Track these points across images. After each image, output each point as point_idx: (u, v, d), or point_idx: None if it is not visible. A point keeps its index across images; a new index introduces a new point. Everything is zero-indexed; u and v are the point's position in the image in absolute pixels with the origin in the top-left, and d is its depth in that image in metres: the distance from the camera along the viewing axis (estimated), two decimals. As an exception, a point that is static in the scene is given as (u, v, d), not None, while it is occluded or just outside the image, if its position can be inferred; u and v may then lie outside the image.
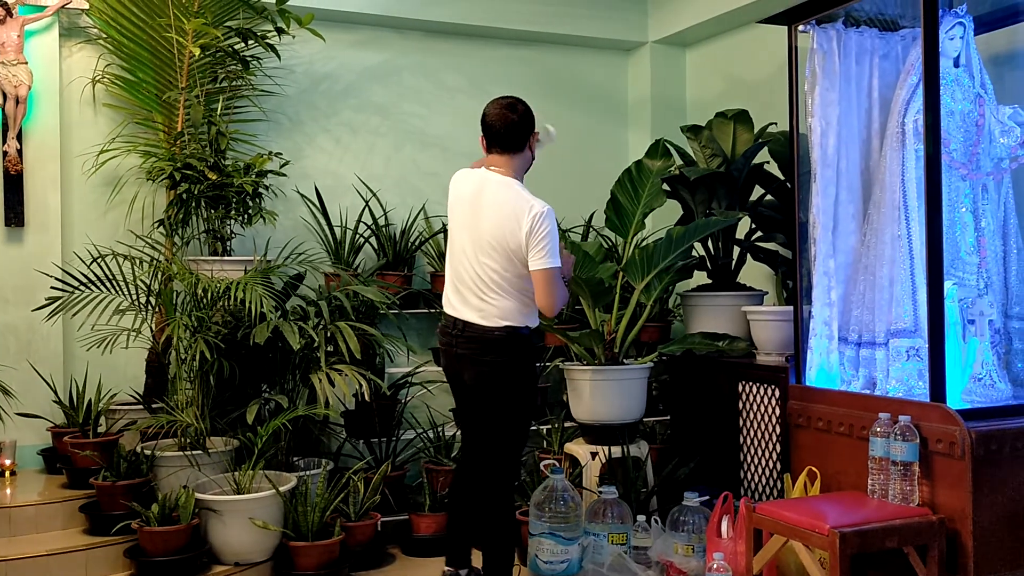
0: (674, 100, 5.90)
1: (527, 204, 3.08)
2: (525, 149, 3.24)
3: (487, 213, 3.14)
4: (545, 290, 3.06)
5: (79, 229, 4.60)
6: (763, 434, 3.97)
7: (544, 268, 3.05)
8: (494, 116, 3.19)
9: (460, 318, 3.19)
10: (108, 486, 3.69)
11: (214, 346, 3.76)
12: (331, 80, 5.26)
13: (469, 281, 3.17)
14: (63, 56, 4.61)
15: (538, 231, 3.04)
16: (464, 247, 3.20)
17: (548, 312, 3.10)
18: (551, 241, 3.06)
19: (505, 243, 3.09)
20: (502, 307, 3.13)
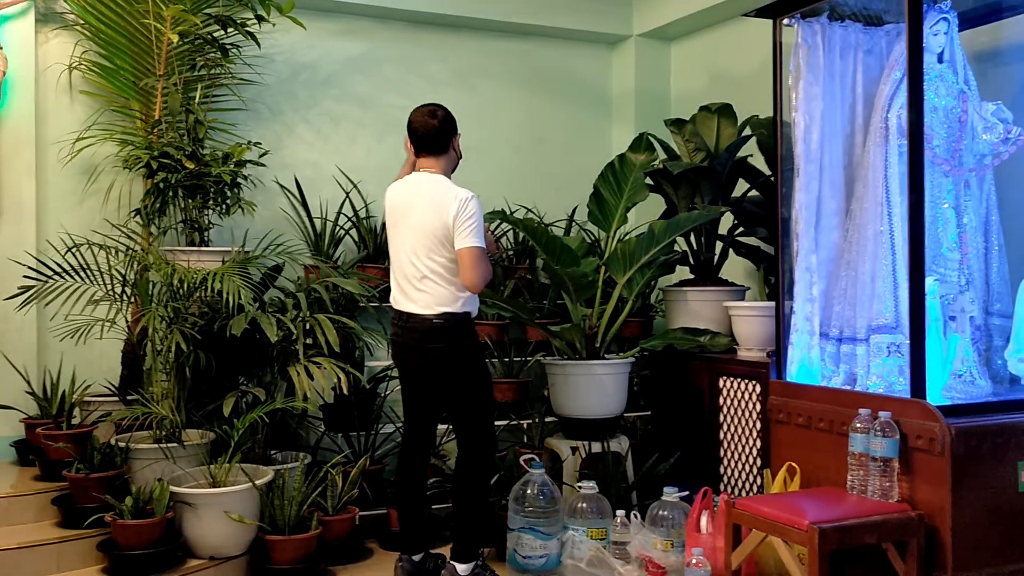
0: (659, 94, 5.88)
1: (453, 192, 3.36)
2: (449, 149, 3.53)
3: (419, 208, 3.39)
4: (469, 267, 3.29)
5: (54, 218, 4.53)
6: (744, 429, 3.96)
7: (468, 246, 3.29)
8: (418, 123, 3.49)
9: (404, 310, 3.46)
10: (81, 478, 3.64)
11: (190, 337, 3.71)
12: (312, 70, 5.21)
13: (409, 275, 3.43)
14: (40, 42, 4.53)
15: (463, 213, 3.30)
16: (403, 244, 3.46)
17: (472, 289, 3.33)
18: (476, 223, 3.31)
19: (435, 231, 3.33)
20: (437, 295, 3.38)
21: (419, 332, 3.41)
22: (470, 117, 5.55)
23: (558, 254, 4.07)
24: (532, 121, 5.74)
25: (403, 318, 3.47)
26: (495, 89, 5.63)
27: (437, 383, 3.48)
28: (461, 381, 3.45)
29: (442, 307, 3.38)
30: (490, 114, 5.62)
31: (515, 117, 5.69)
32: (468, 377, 3.46)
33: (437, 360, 3.41)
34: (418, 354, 3.45)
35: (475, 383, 3.49)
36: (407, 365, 3.53)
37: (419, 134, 3.47)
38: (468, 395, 3.48)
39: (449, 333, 3.39)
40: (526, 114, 5.72)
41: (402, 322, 3.47)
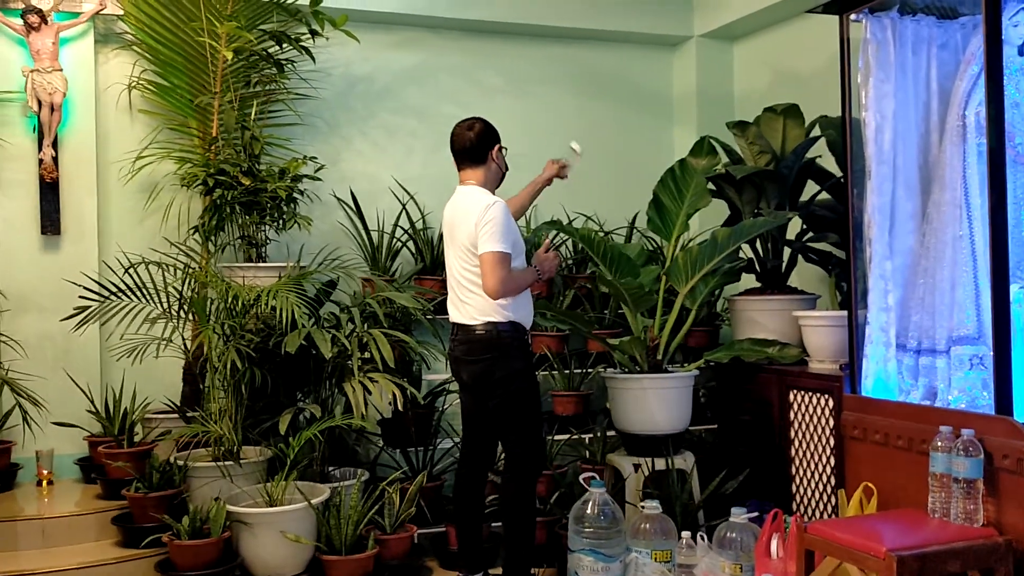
0: (721, 96, 5.70)
1: (481, 199, 3.36)
2: (488, 160, 3.50)
3: (459, 219, 3.42)
4: (487, 272, 3.26)
5: (116, 237, 4.57)
6: (816, 447, 3.77)
7: (487, 251, 3.25)
8: (456, 136, 3.52)
9: (456, 322, 3.47)
10: (140, 497, 3.64)
11: (245, 355, 3.68)
12: (367, 82, 5.17)
13: (455, 286, 3.47)
14: (99, 62, 4.58)
15: (485, 218, 3.27)
16: (451, 256, 3.49)
17: (491, 295, 3.29)
18: (497, 227, 3.26)
19: (468, 239, 3.34)
20: (477, 304, 3.36)
21: (467, 343, 3.41)
22: (526, 125, 5.48)
23: (616, 263, 3.94)
24: (590, 127, 5.61)
25: (455, 330, 3.49)
26: (551, 95, 5.53)
27: (487, 396, 3.43)
28: (506, 394, 3.39)
29: (485, 316, 3.35)
30: (546, 121, 5.51)
31: (573, 123, 5.57)
32: (513, 390, 3.39)
33: (484, 372, 3.38)
34: (468, 366, 3.43)
35: (521, 396, 3.41)
36: (460, 378, 3.54)
37: (456, 147, 3.50)
38: (513, 409, 3.41)
39: (494, 343, 3.35)
40: (584, 120, 5.60)
41: (454, 335, 3.49)
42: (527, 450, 3.42)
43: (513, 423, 3.43)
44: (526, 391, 3.42)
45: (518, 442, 3.43)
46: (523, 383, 3.42)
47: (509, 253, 3.30)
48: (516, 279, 3.35)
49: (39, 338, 4.30)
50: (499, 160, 3.55)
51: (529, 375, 3.46)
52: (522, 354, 3.43)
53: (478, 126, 3.50)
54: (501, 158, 3.56)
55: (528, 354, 3.49)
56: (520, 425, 3.42)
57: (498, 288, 3.26)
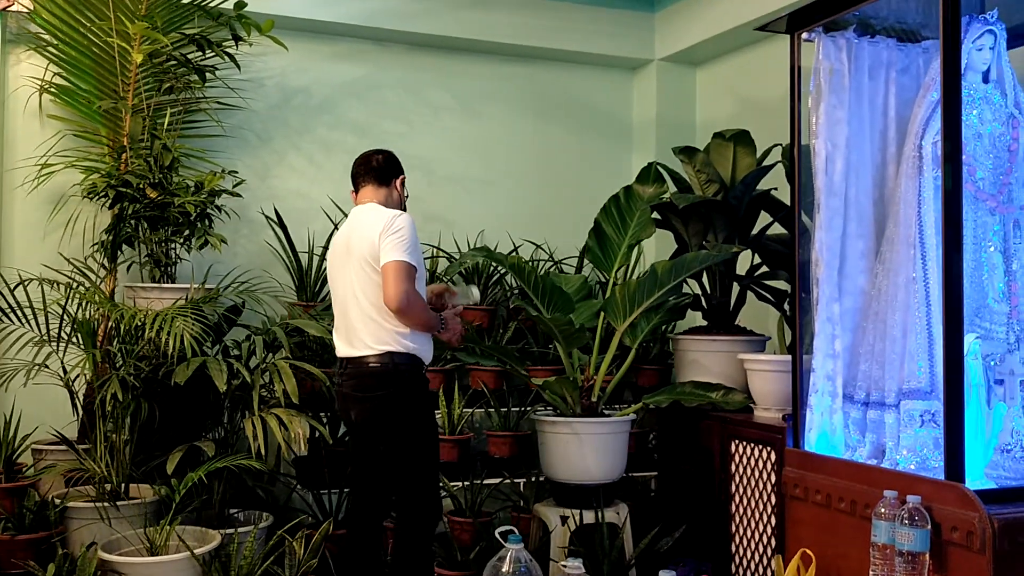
0: (683, 122, 5.43)
1: (385, 212, 3.09)
2: (391, 185, 3.28)
3: (357, 236, 3.10)
4: (390, 281, 2.94)
5: (19, 250, 4.23)
6: (757, 503, 3.44)
7: (391, 260, 2.97)
8: (360, 158, 3.33)
9: (343, 356, 3.14)
10: (7, 540, 3.28)
11: (131, 385, 3.34)
12: (305, 95, 4.87)
13: (347, 312, 3.12)
14: (9, 63, 4.27)
15: (392, 227, 3.01)
16: (342, 285, 3.16)
17: (391, 305, 2.95)
18: (404, 239, 2.99)
19: (369, 252, 3.03)
20: (373, 331, 3.04)
21: (357, 377, 3.05)
22: (475, 146, 5.20)
23: (548, 297, 3.63)
24: (543, 151, 5.33)
25: (342, 364, 3.15)
26: (503, 116, 5.24)
27: (378, 438, 3.07)
28: (402, 436, 3.06)
29: (382, 345, 3.02)
30: (497, 143, 5.23)
31: (525, 146, 5.29)
32: (410, 432, 3.06)
33: (377, 411, 3.03)
34: (357, 404, 3.07)
35: (418, 440, 3.08)
36: (348, 418, 3.18)
37: (359, 165, 3.28)
38: (409, 454, 3.07)
39: (389, 377, 3.01)
40: (537, 143, 5.32)
41: (342, 368, 3.15)
42: (423, 501, 3.09)
43: (408, 470, 3.08)
44: (424, 434, 3.09)
45: (413, 492, 3.09)
46: (421, 424, 3.08)
47: (415, 267, 3.01)
48: (424, 310, 3.05)
49: (-79, 359, 3.95)
50: (401, 192, 3.31)
51: (428, 415, 3.13)
52: (420, 391, 3.11)
53: (387, 153, 3.35)
54: (402, 191, 3.31)
55: (427, 392, 3.17)
56: (416, 473, 3.08)
57: (400, 298, 2.92)
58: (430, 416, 3.14)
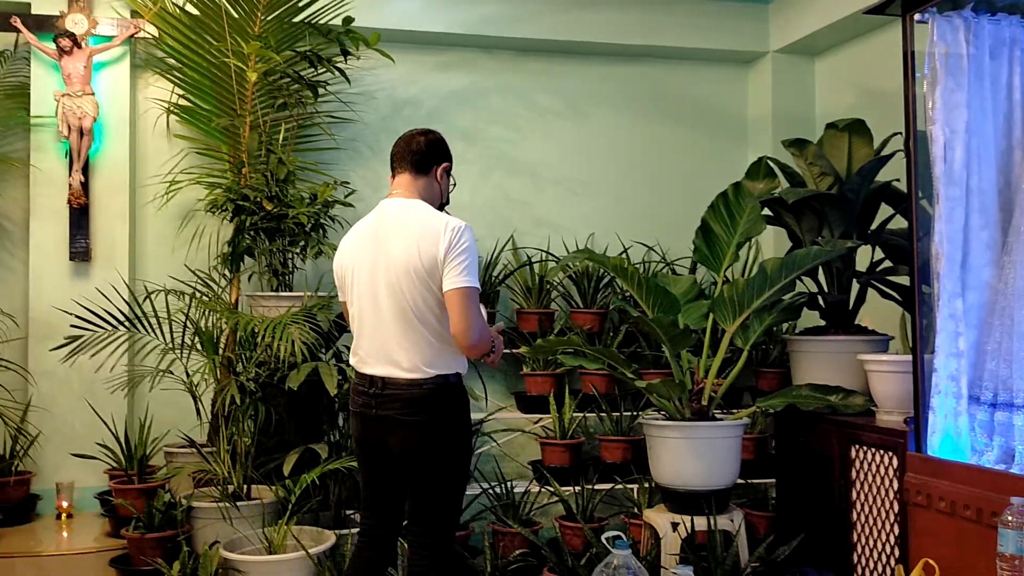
0: (801, 115, 5.23)
1: (441, 219, 2.62)
2: (431, 174, 2.75)
3: (398, 244, 2.61)
4: (461, 311, 2.53)
5: (150, 263, 4.49)
6: (879, 511, 3.27)
7: (462, 287, 2.54)
8: (401, 138, 2.80)
9: (377, 374, 2.65)
10: (137, 538, 3.47)
11: (248, 390, 3.47)
12: (414, 105, 4.96)
13: (385, 330, 2.63)
14: (139, 87, 4.53)
15: (456, 245, 2.56)
16: (370, 294, 2.66)
17: (461, 340, 2.54)
18: (470, 258, 2.57)
19: (418, 267, 2.57)
20: (426, 351, 2.61)
21: (404, 402, 2.60)
22: (583, 149, 5.16)
23: (654, 298, 3.56)
24: (654, 151, 5.25)
25: (375, 384, 2.64)
26: (612, 117, 5.19)
27: (419, 465, 2.65)
28: (440, 463, 2.65)
29: (434, 368, 2.60)
30: (606, 144, 5.18)
31: (634, 147, 5.22)
32: (450, 459, 2.67)
33: (425, 437, 2.61)
34: (402, 429, 2.62)
35: (461, 467, 2.73)
36: (375, 445, 2.70)
37: (398, 147, 2.76)
38: (449, 481, 2.68)
39: (443, 403, 2.62)
40: (647, 143, 5.24)
41: (375, 389, 2.64)
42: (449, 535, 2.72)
43: (444, 501, 2.69)
44: (466, 461, 2.76)
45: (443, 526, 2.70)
46: (466, 450, 2.74)
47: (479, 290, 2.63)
48: (488, 335, 2.64)
49: (66, 367, 4.21)
50: (443, 182, 2.80)
51: (470, 442, 2.79)
52: (467, 414, 2.74)
53: (433, 135, 2.79)
54: (446, 181, 2.81)
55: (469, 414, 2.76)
56: (452, 504, 2.73)
57: (471, 330, 2.53)
58: (471, 442, 2.82)
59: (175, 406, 4.20)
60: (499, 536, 3.93)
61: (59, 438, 4.22)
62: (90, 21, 4.27)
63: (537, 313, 4.62)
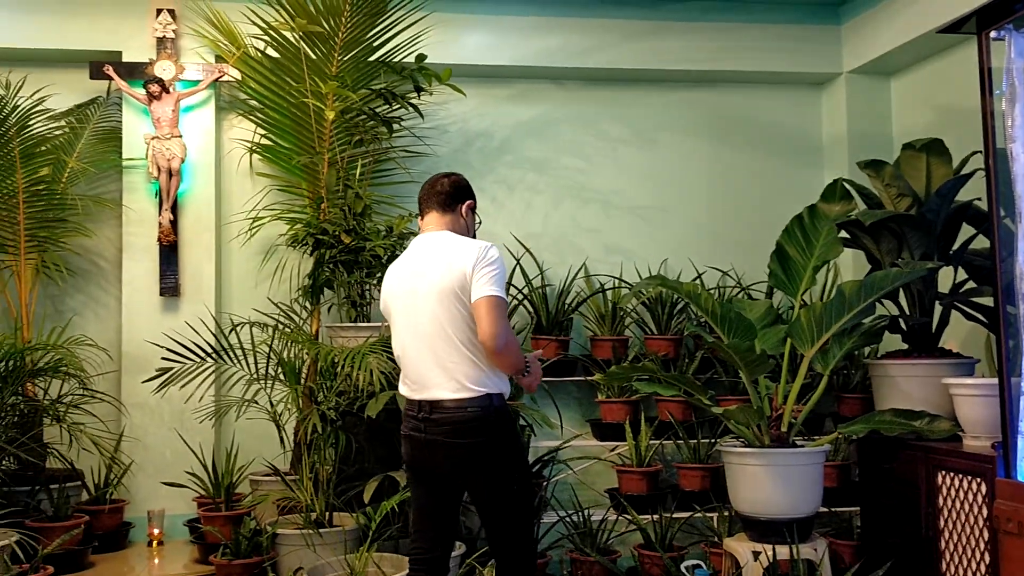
0: (878, 136, 5.15)
1: (472, 242, 2.78)
2: (457, 211, 2.90)
3: (431, 269, 2.74)
4: (488, 318, 2.62)
5: (235, 297, 4.65)
6: (968, 539, 3.17)
7: (488, 295, 2.64)
8: (427, 181, 2.98)
9: (424, 399, 2.74)
10: (225, 564, 3.56)
11: (329, 419, 3.56)
12: (485, 137, 5.05)
13: (427, 353, 2.73)
14: (224, 128, 4.72)
15: (484, 260, 2.68)
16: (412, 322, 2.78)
17: (488, 345, 2.63)
18: (498, 271, 2.69)
19: (452, 286, 2.69)
20: (468, 372, 2.69)
21: (448, 424, 2.67)
22: (653, 175, 5.18)
23: (728, 323, 3.54)
24: (726, 175, 5.23)
25: (423, 408, 2.73)
26: (681, 143, 5.20)
27: (475, 486, 2.76)
28: (506, 482, 2.73)
29: (479, 388, 2.68)
30: (676, 170, 5.18)
31: (705, 172, 5.21)
32: (515, 477, 2.75)
33: (478, 457, 2.69)
34: (454, 451, 2.69)
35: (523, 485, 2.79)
36: (425, 468, 2.79)
37: (425, 190, 2.93)
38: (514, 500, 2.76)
39: (490, 422, 2.68)
40: (718, 168, 5.22)
41: (423, 413, 2.73)
42: (525, 549, 2.80)
43: (509, 517, 2.77)
44: (524, 477, 2.81)
45: (515, 542, 2.78)
46: (521, 468, 2.82)
47: (507, 302, 2.79)
48: (516, 344, 2.72)
49: (157, 398, 4.37)
50: (468, 218, 2.93)
51: (525, 459, 2.93)
52: (517, 433, 2.86)
53: (456, 176, 2.98)
54: (471, 218, 2.95)
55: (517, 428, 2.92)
56: (518, 519, 2.78)
57: (498, 336, 2.60)
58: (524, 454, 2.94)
59: (260, 435, 4.33)
60: (577, 565, 3.92)
61: (150, 467, 4.38)
62: (177, 67, 4.47)
63: (611, 340, 4.62)
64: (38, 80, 4.41)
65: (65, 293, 4.59)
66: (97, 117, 4.59)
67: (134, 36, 4.54)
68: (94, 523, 4.02)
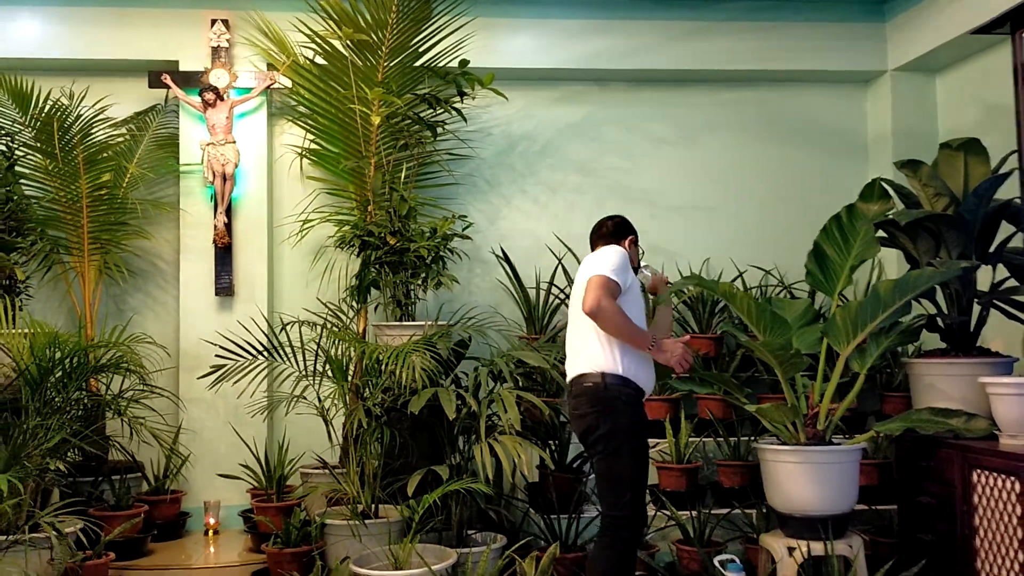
0: (923, 133, 5.14)
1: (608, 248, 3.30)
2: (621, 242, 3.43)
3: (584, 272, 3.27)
4: (590, 290, 3.10)
5: (286, 297, 4.82)
6: (1003, 538, 3.18)
7: (593, 274, 3.13)
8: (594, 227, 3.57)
9: (570, 377, 3.29)
10: (276, 552, 3.71)
11: (374, 414, 3.69)
12: (529, 140, 5.15)
13: (574, 339, 3.30)
14: (275, 134, 4.89)
15: (603, 253, 3.22)
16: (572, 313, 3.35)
17: (587, 310, 3.10)
18: (608, 259, 3.16)
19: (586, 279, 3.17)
20: (589, 354, 3.19)
21: (576, 397, 3.20)
22: (697, 175, 5.23)
23: (765, 322, 3.58)
24: (768, 174, 5.26)
25: (569, 386, 3.29)
26: (725, 143, 5.24)
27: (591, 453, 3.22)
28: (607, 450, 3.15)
29: (596, 367, 3.15)
30: (719, 170, 5.23)
31: (747, 172, 5.24)
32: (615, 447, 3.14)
33: (589, 427, 3.16)
34: (576, 420, 3.21)
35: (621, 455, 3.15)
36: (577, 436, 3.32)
37: (592, 234, 3.54)
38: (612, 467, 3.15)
39: (601, 396, 3.12)
40: (761, 167, 5.25)
41: (569, 391, 3.30)
42: (622, 515, 3.14)
43: (610, 483, 3.17)
44: (629, 450, 3.16)
45: (614, 505, 3.15)
46: (626, 441, 3.15)
47: (616, 281, 3.12)
48: (619, 314, 3.10)
49: (212, 394, 4.56)
50: (632, 251, 3.44)
51: (636, 435, 3.19)
52: (631, 412, 3.18)
53: (618, 218, 3.56)
54: (634, 251, 3.47)
55: (639, 414, 3.22)
56: (617, 486, 3.15)
57: (595, 304, 3.05)
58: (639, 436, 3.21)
59: (310, 430, 4.48)
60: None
61: (207, 460, 4.57)
62: (231, 75, 4.65)
63: (652, 339, 4.67)
64: (100, 90, 4.63)
65: (126, 293, 4.81)
66: (156, 124, 4.80)
67: (190, 46, 4.74)
68: (153, 512, 4.22)
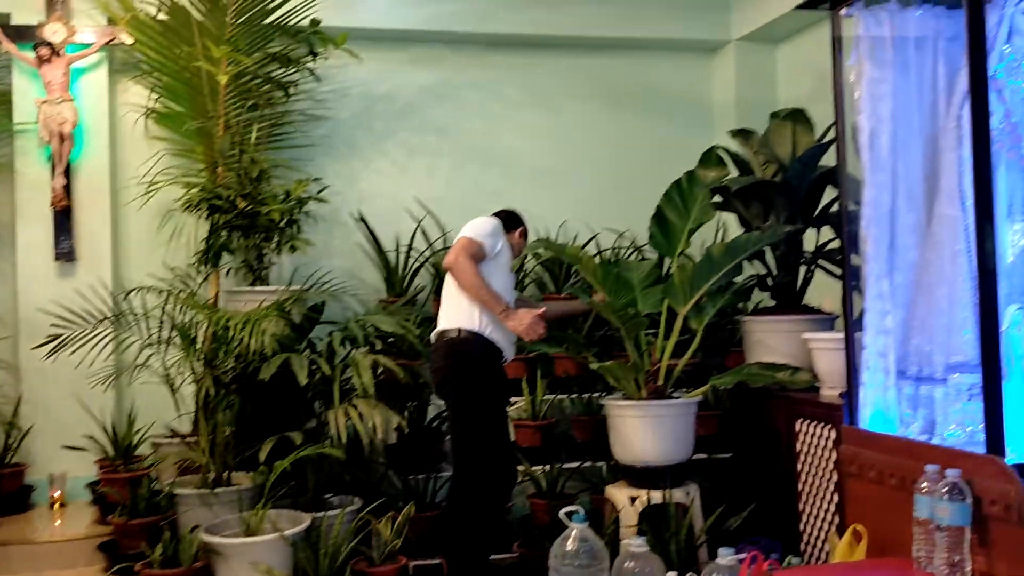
0: (764, 102, 5.34)
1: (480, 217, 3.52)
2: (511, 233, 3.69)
3: None
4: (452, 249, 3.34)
5: (132, 262, 4.67)
6: (821, 481, 3.45)
7: (461, 235, 3.36)
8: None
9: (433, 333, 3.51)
10: (122, 524, 3.66)
11: (223, 382, 3.65)
12: (387, 101, 5.13)
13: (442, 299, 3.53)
14: (117, 92, 4.70)
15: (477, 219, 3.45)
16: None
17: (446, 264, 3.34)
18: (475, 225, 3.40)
19: None
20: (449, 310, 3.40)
21: (435, 350, 3.43)
22: (552, 139, 5.32)
23: (609, 284, 3.73)
24: (621, 140, 5.41)
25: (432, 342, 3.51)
26: (579, 108, 5.35)
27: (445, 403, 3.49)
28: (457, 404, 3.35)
29: (453, 324, 3.36)
30: (574, 134, 5.34)
31: (602, 136, 5.38)
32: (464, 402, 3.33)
33: (442, 379, 3.38)
34: (432, 373, 3.45)
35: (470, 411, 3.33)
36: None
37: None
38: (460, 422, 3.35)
39: (455, 350, 3.33)
40: (614, 132, 5.40)
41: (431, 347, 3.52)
42: (468, 472, 3.29)
43: (458, 439, 3.32)
44: (480, 406, 3.29)
45: (461, 462, 3.31)
46: (478, 396, 3.29)
47: (479, 243, 3.32)
48: (474, 274, 3.28)
49: (55, 363, 4.38)
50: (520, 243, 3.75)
51: (489, 391, 3.33)
52: (486, 368, 3.34)
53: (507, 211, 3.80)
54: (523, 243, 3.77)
55: (495, 374, 3.37)
56: (465, 443, 3.29)
57: (452, 260, 3.27)
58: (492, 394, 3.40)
59: (162, 399, 4.35)
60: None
61: (51, 431, 4.42)
62: (68, 30, 4.43)
63: (509, 300, 4.78)
64: (-78, 43, 4.34)
65: (-42, 259, 4.57)
66: (-15, 81, 4.54)
67: (23, -3, 4.49)
68: (-7, 486, 4.08)
